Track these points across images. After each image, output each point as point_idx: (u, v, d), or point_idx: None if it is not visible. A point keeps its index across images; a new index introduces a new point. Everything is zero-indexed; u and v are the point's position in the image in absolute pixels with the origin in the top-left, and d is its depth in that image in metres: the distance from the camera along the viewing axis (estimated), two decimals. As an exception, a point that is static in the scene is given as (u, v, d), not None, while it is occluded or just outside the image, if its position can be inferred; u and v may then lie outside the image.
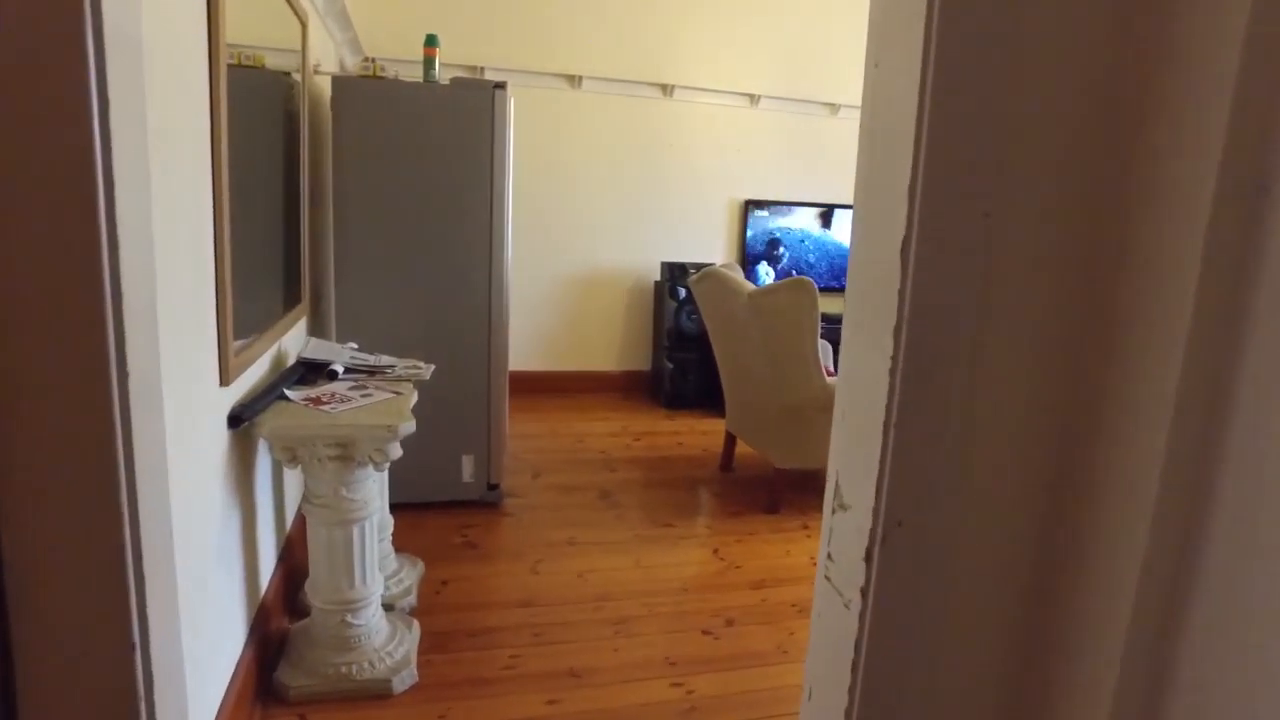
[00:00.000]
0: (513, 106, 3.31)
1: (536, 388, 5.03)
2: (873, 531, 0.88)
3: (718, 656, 2.23)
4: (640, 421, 4.60)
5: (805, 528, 3.20)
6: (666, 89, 5.01)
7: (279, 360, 2.30)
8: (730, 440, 3.80)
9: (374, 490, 1.97)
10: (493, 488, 3.17)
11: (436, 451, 3.07)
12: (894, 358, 0.85)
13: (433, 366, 2.40)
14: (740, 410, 3.63)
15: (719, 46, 5.07)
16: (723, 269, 3.47)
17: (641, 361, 5.29)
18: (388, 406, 1.96)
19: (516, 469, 3.63)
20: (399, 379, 2.23)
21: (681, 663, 2.18)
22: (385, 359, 2.40)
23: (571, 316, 5.12)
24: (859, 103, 0.85)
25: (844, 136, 5.40)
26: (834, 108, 5.31)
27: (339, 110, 2.79)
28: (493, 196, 2.96)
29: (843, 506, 0.94)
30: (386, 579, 2.38)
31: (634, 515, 3.22)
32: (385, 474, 2.38)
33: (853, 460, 0.93)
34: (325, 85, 2.83)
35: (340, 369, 2.20)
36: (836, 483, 0.96)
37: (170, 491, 1.33)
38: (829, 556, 0.98)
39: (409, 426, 1.85)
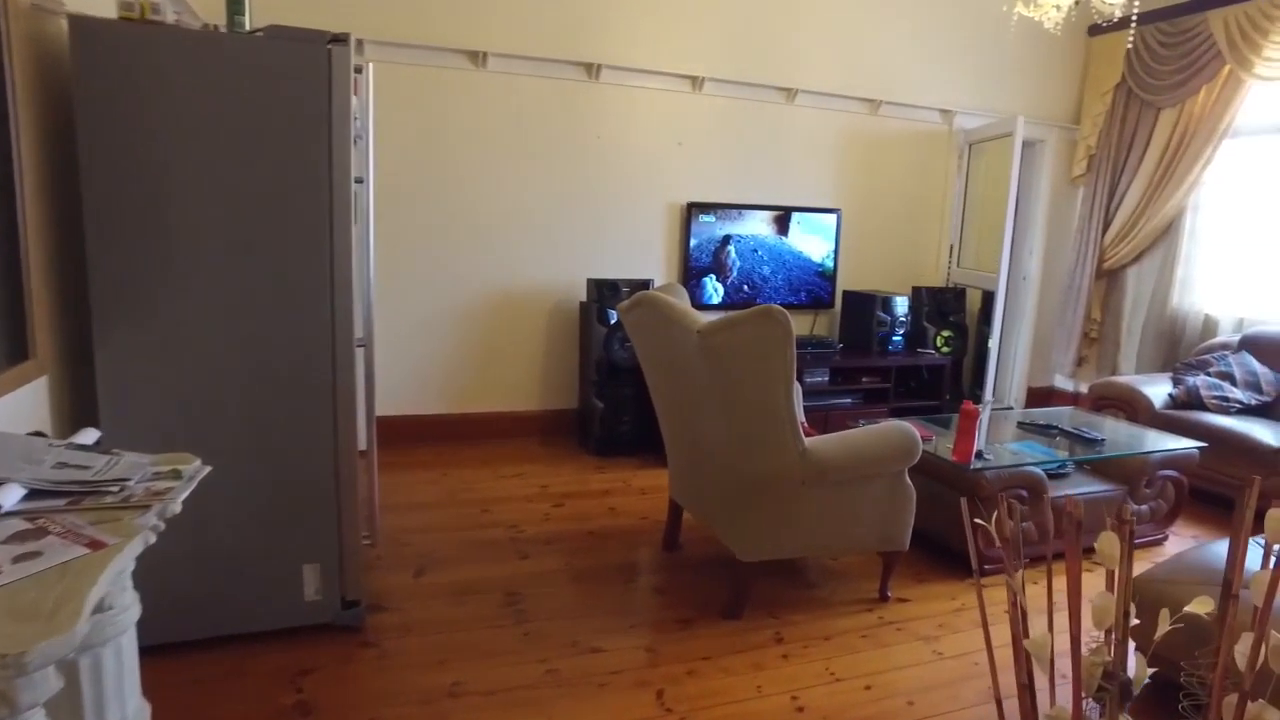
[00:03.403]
0: (371, 73, 2.42)
1: (436, 436, 4.11)
2: None
3: None
4: (563, 476, 3.73)
5: (779, 640, 2.39)
6: (591, 69, 4.16)
7: (-71, 472, 1.37)
8: (675, 510, 2.97)
9: (27, 743, 1.06)
10: (349, 605, 2.27)
11: (265, 562, 2.16)
12: None
13: (202, 472, 1.49)
14: (688, 478, 2.80)
15: (655, 18, 4.23)
16: (659, 293, 2.63)
17: (566, 399, 4.41)
18: (48, 588, 1.05)
19: (393, 563, 2.72)
20: (126, 505, 1.32)
21: None
22: (128, 459, 1.48)
23: (480, 347, 4.21)
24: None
25: (803, 127, 4.62)
26: (790, 93, 4.52)
27: (86, 70, 1.85)
28: (333, 196, 2.06)
29: None
30: (131, 817, 1.47)
31: (549, 633, 2.35)
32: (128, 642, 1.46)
33: None
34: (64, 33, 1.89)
35: (17, 494, 1.28)
36: None
37: None
38: None
39: (60, 644, 0.95)
